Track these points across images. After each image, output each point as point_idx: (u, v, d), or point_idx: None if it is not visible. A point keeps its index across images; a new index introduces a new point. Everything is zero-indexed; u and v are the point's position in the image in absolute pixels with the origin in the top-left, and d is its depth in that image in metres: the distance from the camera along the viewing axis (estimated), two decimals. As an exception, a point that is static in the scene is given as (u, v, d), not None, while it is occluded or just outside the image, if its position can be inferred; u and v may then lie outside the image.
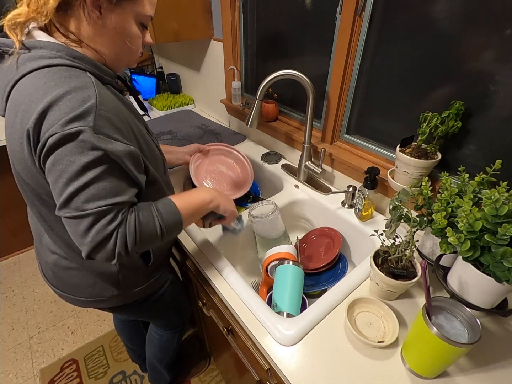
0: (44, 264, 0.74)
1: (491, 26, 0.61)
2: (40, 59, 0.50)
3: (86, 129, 0.47)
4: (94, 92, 0.50)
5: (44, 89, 0.48)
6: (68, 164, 0.48)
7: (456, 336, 0.50)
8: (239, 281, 0.72)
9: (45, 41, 0.51)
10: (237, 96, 1.33)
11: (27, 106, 0.48)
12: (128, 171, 0.54)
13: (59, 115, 0.47)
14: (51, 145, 0.47)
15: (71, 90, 0.48)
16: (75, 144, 0.48)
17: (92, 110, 0.49)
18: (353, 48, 0.85)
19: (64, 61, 0.51)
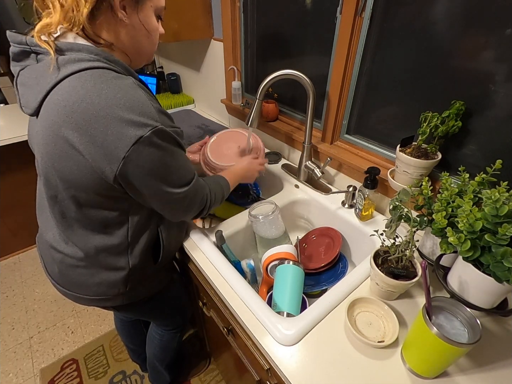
0: (50, 261, 0.73)
1: (491, 26, 0.61)
2: (81, 61, 0.51)
3: (160, 126, 0.53)
4: (142, 93, 0.53)
5: (96, 91, 0.50)
6: (160, 158, 0.55)
7: (456, 336, 0.50)
8: (239, 281, 0.72)
9: (80, 44, 0.52)
10: (237, 96, 1.33)
11: (82, 108, 0.49)
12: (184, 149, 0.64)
13: (126, 118, 0.50)
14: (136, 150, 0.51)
15: (123, 92, 0.51)
16: (159, 143, 0.54)
17: (152, 109, 0.53)
18: (353, 48, 0.85)
19: (103, 64, 0.53)
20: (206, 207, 0.73)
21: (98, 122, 0.50)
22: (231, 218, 0.92)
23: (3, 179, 1.68)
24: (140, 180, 0.56)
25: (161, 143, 0.54)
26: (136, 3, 0.55)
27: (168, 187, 0.60)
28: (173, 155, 0.58)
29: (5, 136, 1.49)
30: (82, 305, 0.78)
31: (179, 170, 0.62)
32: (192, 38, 1.29)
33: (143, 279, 0.77)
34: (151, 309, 0.91)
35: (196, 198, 0.69)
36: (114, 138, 0.50)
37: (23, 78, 0.56)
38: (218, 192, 0.77)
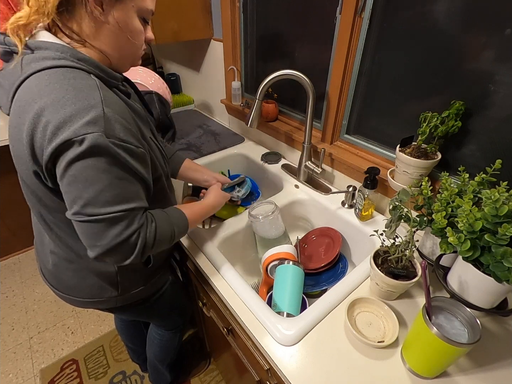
0: (44, 264, 0.74)
1: (491, 26, 0.61)
2: (44, 60, 0.50)
3: (98, 134, 0.47)
4: (99, 95, 0.49)
5: (48, 90, 0.48)
6: (81, 170, 0.48)
7: (456, 336, 0.50)
8: (239, 281, 0.72)
9: (49, 42, 0.51)
10: (237, 96, 1.33)
11: (30, 108, 0.48)
12: (140, 175, 0.55)
13: (66, 119, 0.46)
14: (61, 151, 0.47)
15: (75, 92, 0.48)
16: (88, 150, 0.47)
17: (100, 114, 0.48)
18: (353, 48, 0.85)
19: (69, 63, 0.50)
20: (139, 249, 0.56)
21: (40, 120, 0.48)
22: (231, 218, 0.92)
23: (3, 179, 1.68)
24: (62, 185, 0.51)
25: (93, 152, 0.48)
26: (115, 0, 0.52)
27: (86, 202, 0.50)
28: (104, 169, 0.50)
29: (5, 136, 1.49)
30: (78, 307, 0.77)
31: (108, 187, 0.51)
32: (192, 38, 1.29)
33: (135, 282, 0.75)
34: (147, 311, 0.90)
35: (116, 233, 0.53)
36: (50, 135, 0.47)
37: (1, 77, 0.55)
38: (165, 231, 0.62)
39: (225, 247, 0.86)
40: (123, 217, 0.53)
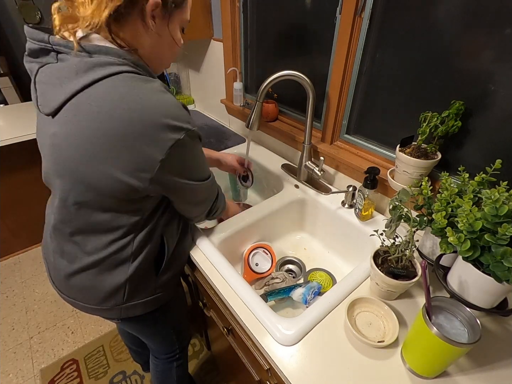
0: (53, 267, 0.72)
1: (491, 26, 0.61)
2: (111, 65, 0.51)
3: (194, 129, 0.56)
4: (171, 95, 0.55)
5: (131, 96, 0.50)
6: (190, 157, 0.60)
7: (456, 336, 0.50)
8: (239, 281, 0.72)
9: (108, 47, 0.52)
10: (239, 97, 1.32)
11: (117, 114, 0.50)
12: None
13: (166, 123, 0.51)
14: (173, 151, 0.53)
15: (157, 95, 0.52)
16: (193, 143, 0.57)
17: (184, 111, 0.55)
18: (353, 48, 0.85)
19: (131, 69, 0.53)
20: (215, 206, 0.77)
21: (134, 128, 0.50)
22: (231, 218, 0.92)
23: (3, 179, 1.68)
24: (172, 179, 0.59)
25: (193, 144, 0.58)
26: (167, 14, 0.55)
27: (194, 180, 0.64)
28: (200, 153, 0.63)
29: (5, 136, 1.50)
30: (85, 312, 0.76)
31: (204, 166, 0.67)
32: (192, 38, 1.29)
33: (142, 292, 0.73)
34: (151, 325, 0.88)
35: (212, 190, 0.74)
36: (152, 143, 0.51)
37: (43, 76, 0.54)
38: (222, 199, 0.81)
39: (225, 247, 0.86)
40: (213, 179, 0.71)
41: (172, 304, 0.87)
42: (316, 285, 0.79)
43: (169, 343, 1.00)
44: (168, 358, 1.04)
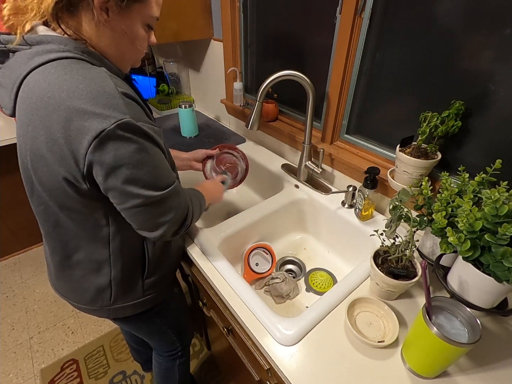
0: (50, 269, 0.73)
1: (491, 26, 0.61)
2: (48, 53, 0.48)
3: (127, 120, 0.47)
4: (111, 82, 0.48)
5: (59, 83, 0.46)
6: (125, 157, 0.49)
7: (456, 336, 0.50)
8: (239, 281, 0.72)
9: (51, 35, 0.50)
10: (239, 97, 1.32)
11: (44, 104, 0.47)
12: (164, 149, 0.58)
13: (89, 111, 0.45)
14: (98, 145, 0.46)
15: (88, 82, 0.47)
16: (125, 136, 0.48)
17: (120, 100, 0.48)
18: (353, 48, 0.85)
19: (73, 55, 0.49)
20: (189, 217, 0.64)
21: (60, 117, 0.46)
22: (231, 218, 0.92)
23: (3, 179, 1.68)
24: (109, 179, 0.50)
25: (129, 137, 0.48)
26: (120, 8, 0.51)
27: (141, 188, 0.52)
28: (146, 151, 0.51)
29: (5, 136, 1.50)
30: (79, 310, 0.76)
31: (156, 169, 0.54)
32: (192, 38, 1.29)
33: (128, 295, 0.72)
34: (146, 324, 0.86)
35: (177, 203, 0.60)
36: (76, 132, 0.46)
37: (1, 78, 0.53)
38: (197, 204, 0.70)
39: (225, 247, 0.86)
40: (174, 189, 0.58)
41: (167, 304, 0.87)
42: None
43: (169, 342, 1.00)
44: (170, 356, 1.04)
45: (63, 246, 0.65)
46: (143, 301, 0.75)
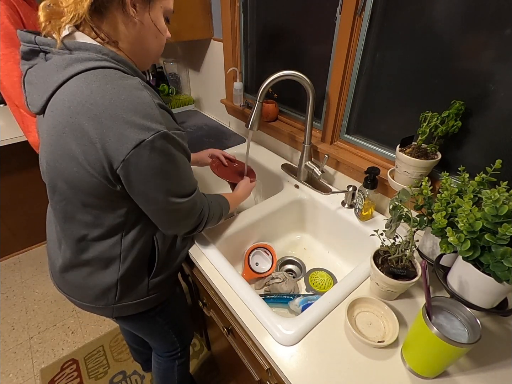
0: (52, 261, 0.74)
1: (491, 26, 0.61)
2: (88, 61, 0.51)
3: (163, 131, 0.51)
4: (147, 93, 0.52)
5: (101, 91, 0.49)
6: (159, 165, 0.53)
7: (456, 336, 0.50)
8: (239, 281, 0.72)
9: (89, 43, 0.52)
10: (239, 97, 1.33)
11: (86, 109, 0.49)
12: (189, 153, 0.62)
13: (131, 121, 0.49)
14: (135, 154, 0.50)
15: (127, 92, 0.50)
16: (160, 147, 0.52)
17: (156, 111, 0.51)
18: (353, 48, 0.85)
19: (110, 64, 0.52)
20: (202, 223, 0.71)
21: (101, 124, 0.49)
22: (231, 218, 0.92)
23: (3, 179, 1.68)
24: (139, 185, 0.55)
25: (164, 149, 0.53)
26: (147, 1, 0.54)
27: (167, 195, 0.58)
28: (175, 162, 0.56)
29: (5, 136, 1.49)
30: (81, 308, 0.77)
31: (181, 178, 0.60)
32: (192, 38, 1.29)
33: (132, 293, 0.73)
34: (148, 323, 0.87)
35: (194, 211, 0.67)
36: (115, 140, 0.49)
37: (30, 76, 0.55)
38: (217, 211, 0.76)
39: (225, 247, 0.86)
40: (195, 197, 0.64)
41: (169, 304, 0.87)
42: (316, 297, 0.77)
43: (170, 342, 1.00)
44: (170, 356, 1.04)
45: (77, 243, 0.66)
46: (147, 300, 0.76)
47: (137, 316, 0.79)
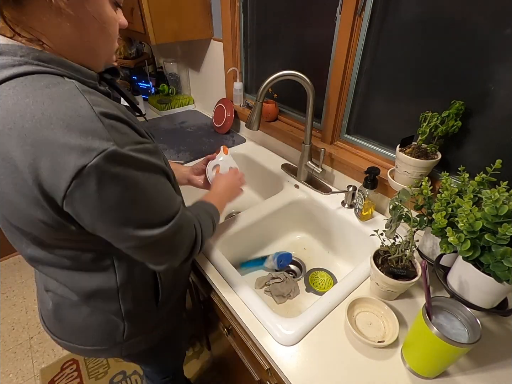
0: (45, 309, 0.64)
1: (491, 26, 0.61)
2: (2, 69, 0.38)
3: (111, 149, 0.37)
4: (85, 100, 0.38)
5: (20, 110, 0.36)
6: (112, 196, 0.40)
7: (456, 336, 0.50)
8: (239, 281, 0.72)
9: (2, 44, 0.39)
10: (239, 97, 1.33)
11: (5, 138, 0.37)
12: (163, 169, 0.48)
13: (61, 144, 0.36)
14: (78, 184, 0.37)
15: (56, 104, 0.37)
16: (110, 172, 0.38)
17: (98, 124, 0.38)
18: (353, 48, 0.85)
19: (33, 68, 0.39)
20: (197, 244, 0.57)
21: (26, 153, 0.36)
22: (231, 218, 0.92)
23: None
24: (96, 223, 0.42)
25: (116, 172, 0.39)
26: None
27: (135, 229, 0.44)
28: (138, 186, 0.42)
29: None
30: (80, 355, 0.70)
31: (151, 205, 0.45)
32: (192, 38, 1.29)
33: (142, 327, 0.66)
34: (153, 355, 0.81)
35: (182, 237, 0.53)
36: (48, 172, 0.37)
37: None
38: (209, 222, 0.63)
39: (226, 247, 0.86)
40: (177, 223, 0.49)
41: (176, 331, 0.83)
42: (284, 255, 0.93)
43: (166, 368, 0.97)
44: (164, 377, 1.00)
45: (64, 286, 0.57)
46: (159, 331, 0.71)
47: (148, 350, 0.73)
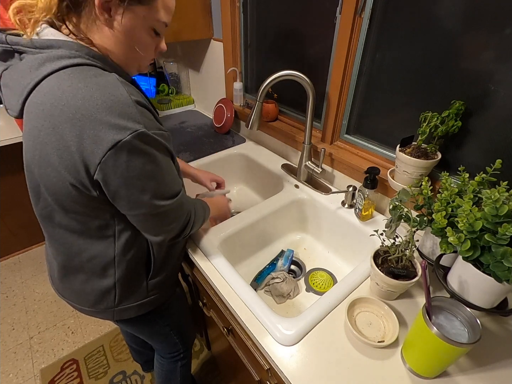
0: (52, 270, 0.72)
1: (491, 26, 0.61)
2: (60, 59, 0.48)
3: (140, 131, 0.47)
4: (124, 90, 0.48)
5: (73, 91, 0.46)
6: (137, 168, 0.50)
7: (456, 336, 0.50)
8: (239, 281, 0.72)
9: (61, 40, 0.49)
10: (239, 97, 1.33)
11: (58, 111, 0.46)
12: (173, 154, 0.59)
13: (104, 121, 0.45)
14: (111, 155, 0.46)
15: (102, 90, 0.46)
16: (137, 148, 0.48)
17: (134, 109, 0.48)
18: (353, 48, 0.85)
19: (84, 61, 0.49)
20: (189, 226, 0.67)
21: (74, 126, 0.46)
22: (231, 218, 0.92)
23: (3, 179, 1.68)
24: (119, 190, 0.51)
25: (143, 149, 0.49)
26: (124, 8, 0.49)
27: (151, 198, 0.54)
28: (157, 162, 0.53)
29: (5, 136, 1.49)
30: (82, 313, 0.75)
31: (164, 179, 0.56)
32: (192, 38, 1.29)
33: (132, 296, 0.71)
34: (149, 326, 0.86)
35: (180, 214, 0.64)
36: (90, 142, 0.46)
37: (5, 79, 0.52)
38: (201, 214, 0.73)
39: (225, 247, 0.86)
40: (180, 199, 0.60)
41: (170, 305, 0.86)
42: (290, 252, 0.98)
43: (172, 343, 0.99)
44: (172, 358, 1.04)
45: (67, 248, 0.64)
46: (147, 302, 0.75)
47: (139, 319, 0.78)
